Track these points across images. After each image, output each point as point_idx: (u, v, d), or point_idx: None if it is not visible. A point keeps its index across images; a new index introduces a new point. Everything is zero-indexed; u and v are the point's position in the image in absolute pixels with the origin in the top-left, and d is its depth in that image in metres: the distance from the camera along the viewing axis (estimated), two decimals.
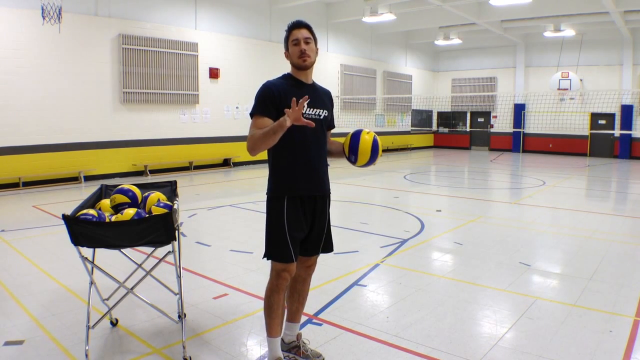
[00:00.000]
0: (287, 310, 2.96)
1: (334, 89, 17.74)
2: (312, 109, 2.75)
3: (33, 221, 7.07)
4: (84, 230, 2.71)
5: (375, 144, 2.81)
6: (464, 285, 4.41)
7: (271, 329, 2.75)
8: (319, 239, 2.84)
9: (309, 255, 2.85)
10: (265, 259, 2.75)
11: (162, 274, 4.01)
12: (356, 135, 2.82)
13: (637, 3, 13.62)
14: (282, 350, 2.95)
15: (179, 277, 3.08)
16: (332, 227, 2.92)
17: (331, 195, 2.90)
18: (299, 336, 2.98)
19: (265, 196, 2.80)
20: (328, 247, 2.91)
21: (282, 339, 2.98)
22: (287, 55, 2.77)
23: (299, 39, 2.69)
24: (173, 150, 12.86)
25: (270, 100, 2.64)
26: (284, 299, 2.80)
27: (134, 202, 3.20)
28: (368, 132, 2.84)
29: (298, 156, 2.68)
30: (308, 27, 2.74)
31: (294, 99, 2.47)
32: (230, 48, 14.09)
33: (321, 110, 2.80)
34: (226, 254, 5.36)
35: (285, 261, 2.68)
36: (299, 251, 2.79)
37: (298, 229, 2.70)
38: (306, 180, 2.71)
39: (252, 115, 2.69)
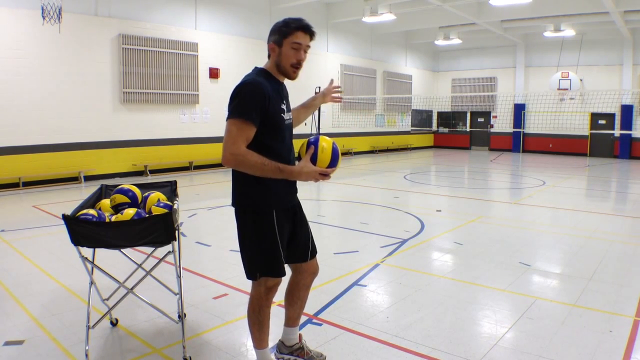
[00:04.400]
0: (287, 316, 2.88)
1: None
2: (288, 113, 2.55)
3: (33, 221, 7.07)
4: (84, 230, 2.71)
5: (335, 151, 2.47)
6: (464, 285, 4.41)
7: (262, 342, 2.64)
8: (307, 244, 2.74)
9: (301, 261, 2.74)
10: (257, 276, 2.51)
11: (162, 274, 4.01)
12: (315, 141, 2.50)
13: (637, 3, 13.62)
14: (284, 353, 2.91)
15: (179, 277, 3.08)
16: (332, 228, 2.91)
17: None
18: (300, 337, 2.92)
19: (238, 209, 2.51)
20: (315, 249, 2.81)
21: (283, 342, 2.93)
22: (274, 49, 2.44)
23: (302, 45, 2.42)
24: (173, 150, 12.86)
25: (262, 103, 2.31)
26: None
27: (134, 202, 3.20)
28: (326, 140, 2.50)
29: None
30: (313, 37, 2.47)
31: (323, 169, 2.36)
32: (230, 48, 14.09)
33: (291, 113, 2.62)
34: (226, 254, 5.36)
35: (280, 276, 2.54)
36: (295, 259, 2.72)
37: (285, 242, 2.59)
38: (290, 191, 2.56)
39: (233, 118, 2.29)
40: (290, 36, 2.39)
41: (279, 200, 2.49)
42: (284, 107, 2.47)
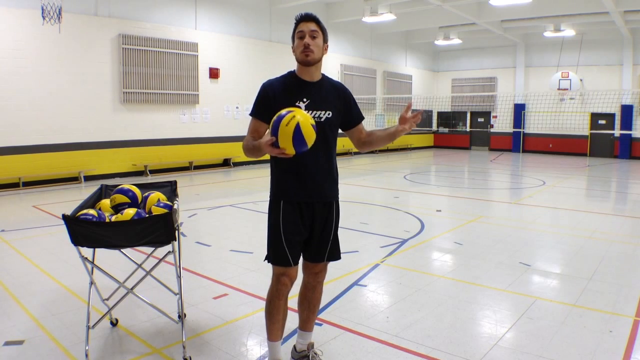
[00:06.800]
0: (298, 318, 2.89)
1: None
2: (311, 112, 2.55)
3: (33, 221, 7.07)
4: (84, 230, 2.71)
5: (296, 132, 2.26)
6: (464, 285, 4.41)
7: (271, 333, 2.71)
8: (323, 246, 2.72)
9: (313, 261, 2.76)
10: (266, 261, 2.70)
11: (162, 274, 4.01)
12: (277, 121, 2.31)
13: (637, 3, 13.62)
14: (294, 358, 2.91)
15: (179, 277, 3.08)
16: None
17: (338, 201, 2.79)
18: (309, 346, 2.88)
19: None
20: (334, 255, 2.77)
21: (295, 347, 2.93)
22: (294, 50, 2.64)
23: (304, 32, 2.54)
24: (173, 150, 12.86)
25: (265, 102, 2.56)
26: (285, 304, 2.72)
27: (134, 202, 3.20)
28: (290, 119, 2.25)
29: (291, 163, 2.53)
30: (316, 21, 2.59)
31: (266, 139, 2.29)
32: (230, 48, 14.09)
33: (322, 112, 2.60)
34: (226, 254, 5.36)
35: (283, 265, 2.61)
36: (306, 257, 2.75)
37: (295, 233, 2.61)
38: (300, 187, 2.61)
39: (250, 115, 2.65)
40: (295, 31, 2.61)
41: (286, 192, 2.63)
42: (300, 104, 2.56)
